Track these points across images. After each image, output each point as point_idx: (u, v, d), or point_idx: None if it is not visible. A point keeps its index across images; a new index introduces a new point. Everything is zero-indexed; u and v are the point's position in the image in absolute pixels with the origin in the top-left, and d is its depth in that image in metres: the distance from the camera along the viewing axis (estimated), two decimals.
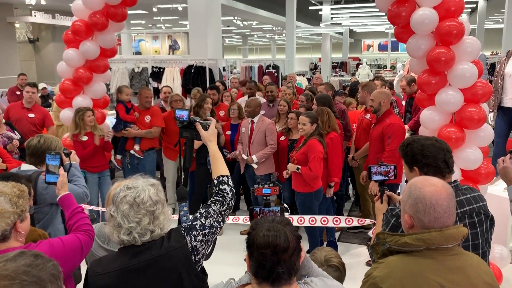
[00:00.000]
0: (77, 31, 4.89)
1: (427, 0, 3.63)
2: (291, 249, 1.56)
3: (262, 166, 5.26)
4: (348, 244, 5.19)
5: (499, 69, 5.73)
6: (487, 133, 3.87)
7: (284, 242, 1.56)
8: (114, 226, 1.78)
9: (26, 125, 5.74)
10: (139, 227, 1.76)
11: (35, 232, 2.24)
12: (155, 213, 1.79)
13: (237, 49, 39.09)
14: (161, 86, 8.23)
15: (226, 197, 2.00)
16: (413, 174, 2.21)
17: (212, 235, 1.91)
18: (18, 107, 5.92)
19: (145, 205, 1.77)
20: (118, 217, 1.76)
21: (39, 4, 15.54)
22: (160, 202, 1.83)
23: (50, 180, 2.42)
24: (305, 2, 23.42)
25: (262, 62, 12.17)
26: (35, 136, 3.20)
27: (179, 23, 24.34)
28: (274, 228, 1.59)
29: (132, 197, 1.77)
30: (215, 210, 1.95)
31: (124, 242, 1.78)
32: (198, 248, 1.85)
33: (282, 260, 1.54)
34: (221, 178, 2.06)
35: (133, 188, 1.80)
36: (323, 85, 6.54)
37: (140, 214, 1.76)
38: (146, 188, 1.81)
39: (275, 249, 1.54)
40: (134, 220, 1.75)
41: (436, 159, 2.15)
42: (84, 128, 4.88)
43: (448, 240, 1.63)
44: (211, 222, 1.91)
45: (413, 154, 2.19)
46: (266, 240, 1.56)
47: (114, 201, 1.79)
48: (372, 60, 34.98)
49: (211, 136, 2.22)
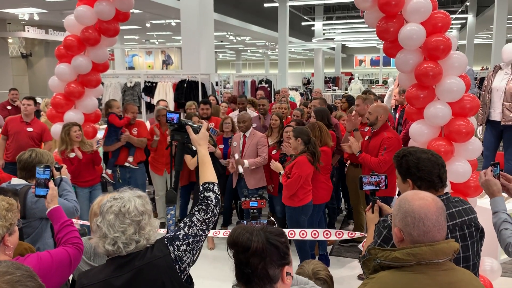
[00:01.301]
0: (70, 46, 4.92)
1: (414, 16, 3.70)
2: (253, 250, 1.53)
3: (253, 179, 5.27)
4: (340, 257, 5.19)
5: (486, 84, 5.82)
6: (475, 146, 3.91)
7: (247, 241, 1.54)
8: (100, 237, 1.78)
9: (24, 138, 5.77)
10: (124, 237, 1.76)
11: (21, 246, 2.23)
12: (140, 223, 1.80)
13: (230, 64, 39.34)
14: (154, 101, 8.26)
15: (210, 205, 1.99)
16: (405, 185, 2.22)
17: (197, 244, 1.91)
18: (17, 121, 5.95)
19: (131, 215, 1.78)
20: (104, 227, 1.77)
21: (33, 19, 15.60)
22: (146, 213, 1.84)
23: (40, 193, 2.43)
24: (298, 18, 23.73)
25: (255, 77, 12.26)
26: (27, 150, 3.20)
27: (173, 38, 24.50)
28: (245, 228, 1.58)
29: (117, 207, 1.78)
30: (198, 218, 1.94)
31: (109, 252, 1.78)
32: (182, 258, 1.84)
33: (251, 263, 1.52)
34: (206, 184, 2.04)
35: (119, 198, 1.82)
36: (317, 99, 6.59)
37: (125, 223, 1.77)
38: (133, 199, 1.82)
39: (236, 247, 1.54)
40: (119, 230, 1.76)
41: (431, 174, 2.16)
42: (71, 144, 4.84)
43: (438, 255, 1.62)
44: (195, 231, 1.90)
45: (408, 167, 2.20)
46: (231, 237, 1.58)
47: (100, 211, 1.81)
48: (364, 75, 35.30)
49: (201, 140, 2.20)
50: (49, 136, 5.99)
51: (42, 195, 2.42)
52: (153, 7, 13.48)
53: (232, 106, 7.81)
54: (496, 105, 5.67)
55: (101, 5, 4.77)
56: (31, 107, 5.94)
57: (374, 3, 3.86)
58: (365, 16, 4.12)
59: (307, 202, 4.46)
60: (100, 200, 2.31)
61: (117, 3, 4.87)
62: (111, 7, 4.83)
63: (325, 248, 4.94)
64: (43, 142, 5.99)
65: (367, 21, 4.12)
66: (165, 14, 15.49)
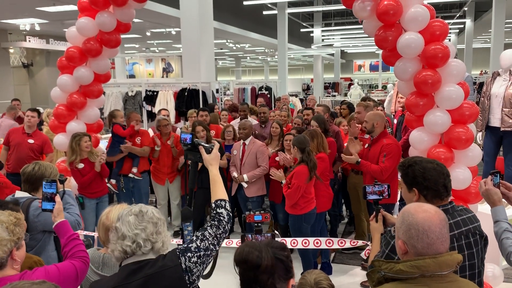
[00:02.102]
0: (71, 58, 4.96)
1: (412, 25, 3.75)
2: (264, 267, 1.56)
3: (253, 187, 5.29)
4: (343, 265, 5.19)
5: (485, 90, 5.86)
6: (475, 153, 3.94)
7: (257, 258, 1.57)
8: (118, 239, 1.83)
9: (25, 150, 5.78)
10: (143, 234, 1.82)
11: (30, 259, 2.26)
12: (157, 226, 1.87)
13: (230, 70, 39.47)
14: (156, 110, 8.31)
15: (222, 221, 2.04)
16: (411, 194, 2.23)
17: (208, 258, 1.94)
18: (19, 132, 5.96)
19: (149, 216, 1.87)
20: (123, 228, 1.83)
21: (34, 29, 15.70)
22: (161, 220, 1.92)
23: (47, 208, 2.45)
24: (297, 25, 23.85)
25: (255, 83, 12.32)
26: (31, 163, 3.22)
27: (173, 46, 24.61)
28: (253, 245, 1.61)
29: (136, 210, 1.87)
30: (210, 233, 1.98)
31: (127, 252, 1.82)
32: (192, 269, 1.88)
33: (260, 280, 1.55)
34: (219, 202, 2.11)
35: (137, 206, 1.91)
36: (321, 106, 6.54)
37: (145, 222, 1.84)
38: (149, 207, 1.92)
39: (247, 264, 1.56)
40: (139, 227, 1.83)
41: (437, 183, 2.18)
42: (80, 154, 4.85)
43: (442, 267, 1.64)
44: (206, 245, 1.94)
45: (414, 176, 2.21)
46: (239, 255, 1.61)
47: (119, 217, 1.88)
48: (363, 80, 35.40)
49: (213, 160, 2.27)
50: (50, 148, 6.02)
51: (48, 209, 2.44)
52: (154, 16, 13.58)
53: (233, 114, 7.85)
54: (495, 111, 5.70)
55: (103, 17, 4.81)
56: (34, 119, 5.95)
57: (372, 12, 3.90)
58: (364, 25, 4.16)
59: (310, 210, 4.47)
60: (109, 211, 2.34)
61: (118, 14, 4.92)
62: (112, 19, 4.88)
63: (328, 256, 4.95)
64: (44, 154, 6.00)
65: (366, 30, 4.16)
66: (165, 23, 15.59)
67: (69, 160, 4.88)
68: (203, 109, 6.56)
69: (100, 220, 2.32)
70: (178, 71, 14.43)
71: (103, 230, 2.31)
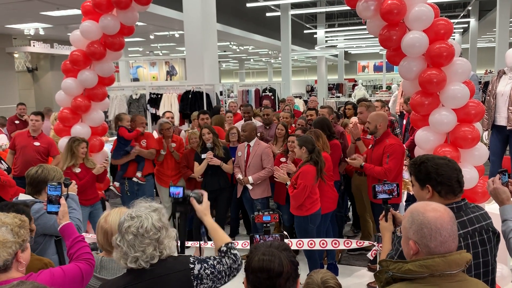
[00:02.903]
0: (75, 61, 4.98)
1: (417, 24, 3.73)
2: (285, 273, 1.58)
3: (258, 189, 5.27)
4: (349, 266, 5.16)
5: (491, 89, 5.82)
6: (481, 152, 3.91)
7: (279, 266, 1.58)
8: (121, 254, 1.84)
9: (31, 153, 5.78)
10: (144, 255, 1.82)
11: (41, 261, 2.26)
12: (159, 239, 1.86)
13: (234, 73, 39.51)
14: (160, 112, 8.31)
15: (238, 259, 2.06)
16: (424, 192, 2.20)
17: (217, 281, 1.96)
18: (25, 135, 5.97)
19: (149, 234, 1.83)
20: (124, 247, 1.82)
21: (38, 34, 15.79)
22: (163, 227, 1.89)
23: (52, 210, 2.45)
24: (300, 26, 23.84)
25: (258, 85, 12.32)
26: (35, 166, 3.23)
27: (176, 49, 24.68)
28: (270, 253, 1.62)
29: (135, 227, 1.83)
30: (227, 262, 2.02)
31: (133, 268, 1.84)
32: (203, 278, 1.90)
33: (278, 285, 1.57)
34: (230, 244, 2.11)
35: (136, 217, 1.86)
36: (325, 108, 6.51)
37: (144, 244, 1.82)
38: (149, 215, 1.87)
39: (269, 273, 1.57)
40: (139, 250, 1.82)
41: (450, 178, 2.16)
42: (76, 159, 4.77)
43: (451, 266, 1.62)
44: (220, 269, 1.98)
45: (428, 173, 2.19)
46: (261, 264, 1.59)
47: (119, 230, 1.86)
48: (367, 81, 35.34)
49: (206, 210, 2.27)
50: (56, 151, 6.01)
51: (54, 212, 2.44)
52: (157, 19, 13.62)
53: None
54: (501, 110, 5.65)
55: (106, 20, 4.83)
56: (39, 122, 5.96)
57: (376, 12, 3.89)
58: (368, 25, 4.15)
59: (315, 211, 4.45)
60: (107, 214, 2.33)
61: (122, 17, 4.94)
62: (116, 22, 4.90)
63: (334, 257, 4.93)
64: (50, 156, 6.02)
65: (370, 29, 4.14)
66: (169, 26, 15.63)
67: (67, 164, 4.76)
68: (204, 112, 6.55)
69: (98, 223, 2.31)
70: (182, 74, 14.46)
71: (101, 234, 2.29)
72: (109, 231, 2.26)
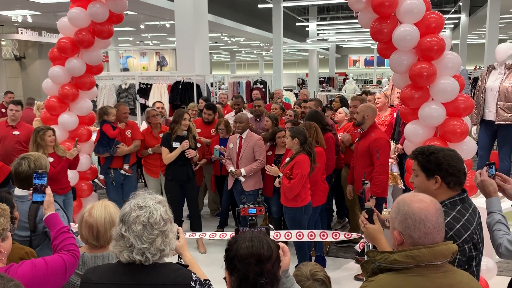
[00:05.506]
0: (63, 49, 4.90)
1: (408, 17, 3.72)
2: (273, 257, 1.59)
3: (250, 181, 5.25)
4: (337, 258, 5.18)
5: (480, 84, 5.85)
6: (470, 146, 3.93)
7: (268, 250, 1.59)
8: (124, 246, 1.75)
9: (11, 143, 5.62)
10: (152, 248, 1.75)
11: (22, 250, 2.21)
12: (166, 232, 1.80)
13: (225, 65, 39.33)
14: (150, 103, 8.23)
15: None
16: (430, 182, 2.16)
17: None
18: (3, 125, 5.81)
19: (159, 225, 1.77)
20: (131, 238, 1.74)
21: (26, 21, 15.52)
22: (169, 220, 1.83)
23: (37, 200, 2.39)
24: (292, 19, 23.77)
25: (250, 77, 12.26)
26: (21, 160, 3.10)
27: (167, 39, 24.46)
28: (257, 239, 1.62)
29: (145, 217, 1.76)
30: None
31: (135, 261, 1.76)
32: None
33: (265, 270, 1.56)
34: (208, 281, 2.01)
35: (144, 207, 1.78)
36: (313, 101, 6.55)
37: (154, 234, 1.76)
38: (157, 207, 1.80)
39: (259, 257, 1.56)
40: (147, 241, 1.75)
41: (460, 170, 2.15)
42: (46, 148, 4.56)
43: (437, 256, 1.63)
44: None
45: (439, 163, 2.14)
46: (250, 250, 1.58)
47: (125, 220, 1.77)
48: (358, 75, 35.41)
49: (184, 246, 2.18)
50: None
51: (38, 202, 2.39)
52: (147, 8, 13.45)
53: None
54: (490, 105, 5.69)
55: (95, 7, 4.75)
56: (19, 112, 5.76)
57: (368, 4, 3.87)
58: (359, 17, 4.12)
59: (309, 202, 4.45)
60: (91, 207, 2.26)
61: (111, 4, 4.85)
62: (105, 9, 4.82)
63: (322, 249, 4.94)
64: None
65: (361, 22, 4.12)
66: (159, 16, 15.46)
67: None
68: (208, 107, 6.36)
69: (81, 217, 2.24)
70: (172, 64, 14.35)
71: (86, 228, 2.22)
72: (95, 225, 2.20)
